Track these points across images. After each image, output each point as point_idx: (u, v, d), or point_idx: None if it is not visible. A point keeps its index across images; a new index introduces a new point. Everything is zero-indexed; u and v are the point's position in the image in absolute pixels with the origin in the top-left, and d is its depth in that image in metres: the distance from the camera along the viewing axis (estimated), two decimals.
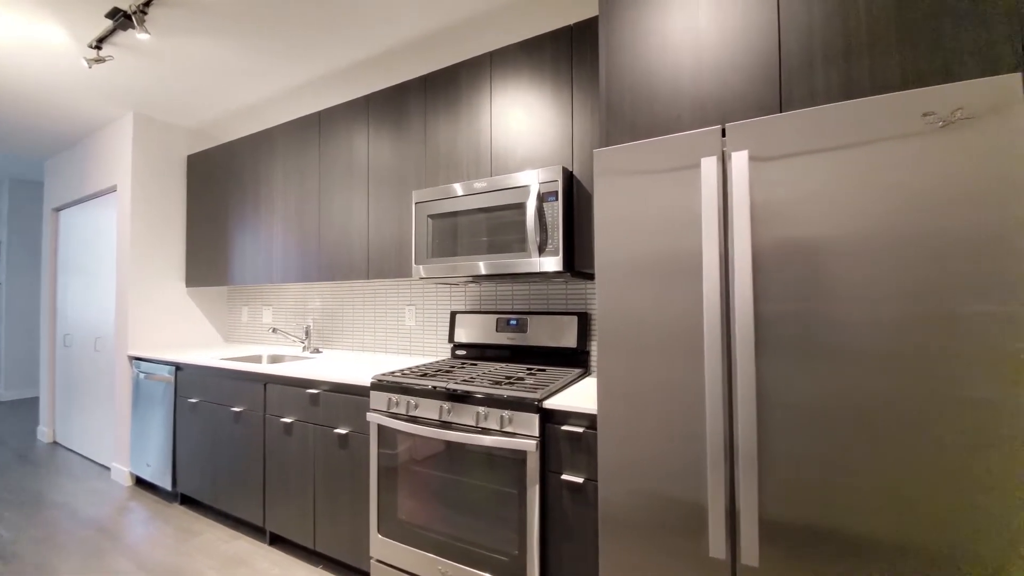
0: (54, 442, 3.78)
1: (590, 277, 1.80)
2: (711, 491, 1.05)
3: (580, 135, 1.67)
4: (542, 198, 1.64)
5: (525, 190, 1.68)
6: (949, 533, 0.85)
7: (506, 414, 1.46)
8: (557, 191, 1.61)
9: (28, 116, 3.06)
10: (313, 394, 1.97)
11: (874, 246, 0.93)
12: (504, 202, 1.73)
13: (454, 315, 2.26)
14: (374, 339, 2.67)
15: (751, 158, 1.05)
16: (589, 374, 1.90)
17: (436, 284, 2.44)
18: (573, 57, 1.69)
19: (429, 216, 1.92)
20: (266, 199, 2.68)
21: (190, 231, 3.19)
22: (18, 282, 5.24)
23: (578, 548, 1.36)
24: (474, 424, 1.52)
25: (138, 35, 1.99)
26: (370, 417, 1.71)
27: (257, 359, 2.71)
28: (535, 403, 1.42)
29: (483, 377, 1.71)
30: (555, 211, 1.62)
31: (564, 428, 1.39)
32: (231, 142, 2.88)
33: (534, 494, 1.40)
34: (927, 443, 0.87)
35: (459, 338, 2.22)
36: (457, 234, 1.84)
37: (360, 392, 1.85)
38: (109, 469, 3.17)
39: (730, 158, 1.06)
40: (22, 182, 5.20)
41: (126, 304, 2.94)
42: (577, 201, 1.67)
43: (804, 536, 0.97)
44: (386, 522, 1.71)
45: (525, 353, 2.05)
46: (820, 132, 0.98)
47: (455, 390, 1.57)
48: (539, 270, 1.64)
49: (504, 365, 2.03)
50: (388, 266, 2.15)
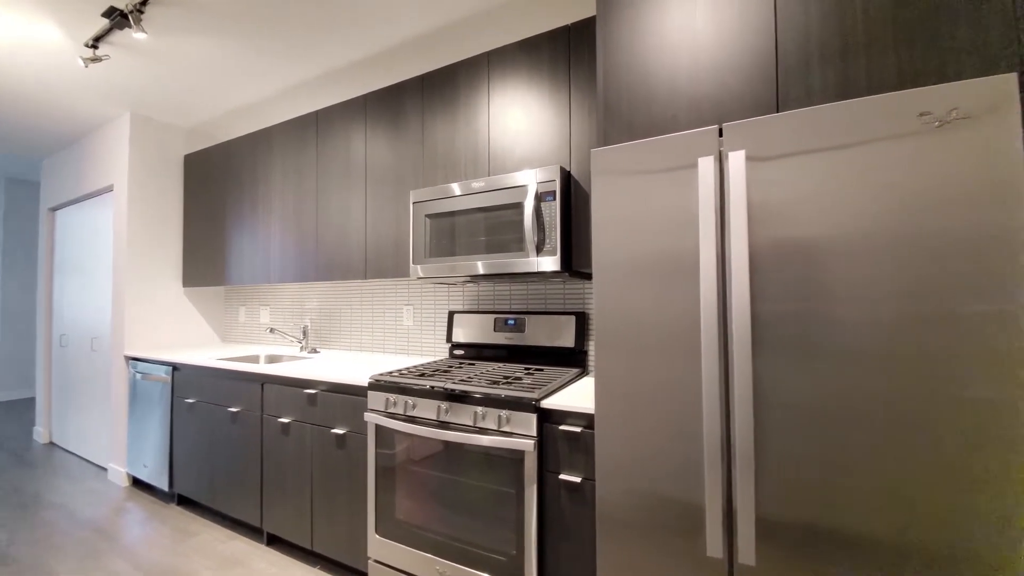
0: (50, 443, 3.76)
1: (588, 277, 1.80)
2: (708, 490, 1.06)
3: (578, 135, 1.67)
4: (540, 198, 1.64)
5: (523, 190, 1.68)
6: (948, 533, 0.86)
7: (504, 414, 1.46)
8: (555, 191, 1.61)
9: (24, 116, 3.05)
10: (311, 394, 1.97)
11: (871, 246, 0.93)
12: (502, 202, 1.73)
13: (452, 315, 2.26)
14: (372, 339, 2.67)
15: (748, 158, 1.05)
16: (587, 374, 1.90)
17: (434, 284, 2.43)
18: (571, 57, 1.69)
19: (427, 216, 1.92)
20: (263, 199, 2.68)
21: (187, 231, 3.18)
22: (14, 282, 5.22)
23: (575, 548, 1.36)
24: (472, 424, 1.51)
25: (135, 34, 1.98)
26: (368, 417, 1.71)
27: (254, 359, 2.70)
28: (533, 403, 1.42)
29: (481, 377, 1.71)
30: (553, 211, 1.61)
31: (562, 428, 1.39)
32: (228, 141, 2.87)
33: (532, 494, 1.40)
34: (925, 443, 0.88)
35: (457, 338, 2.22)
36: (455, 234, 1.84)
37: (358, 392, 1.84)
38: (106, 470, 3.16)
39: (727, 158, 1.06)
40: (18, 182, 5.18)
41: (123, 304, 2.93)
42: (575, 201, 1.67)
43: (802, 535, 0.98)
44: (384, 522, 1.71)
45: (523, 353, 2.05)
46: (817, 132, 0.99)
47: (453, 390, 1.57)
48: (537, 270, 1.64)
49: (502, 365, 2.03)
50: (386, 266, 2.15)
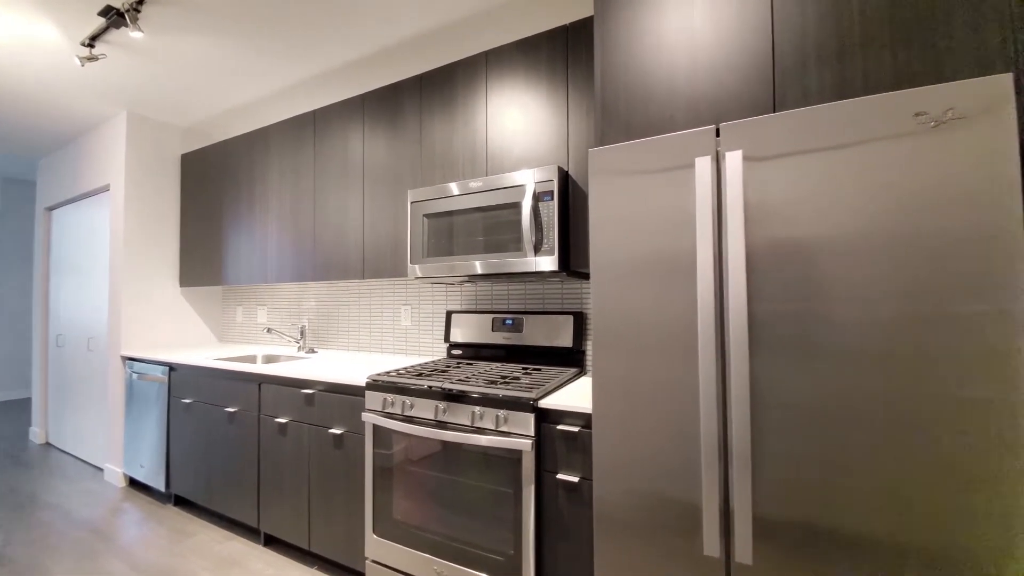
0: (47, 443, 3.74)
1: (586, 277, 1.80)
2: (705, 490, 1.06)
3: (575, 135, 1.67)
4: (538, 198, 1.64)
5: (521, 189, 1.68)
6: (946, 533, 0.86)
7: (502, 413, 1.46)
8: (553, 191, 1.61)
9: (21, 115, 3.03)
10: (308, 394, 1.97)
11: (868, 246, 0.93)
12: (500, 201, 1.73)
13: (450, 315, 2.25)
14: (369, 339, 2.66)
15: (745, 158, 1.05)
16: (585, 374, 1.90)
17: (432, 284, 2.43)
18: (569, 57, 1.69)
19: (425, 215, 1.91)
20: (261, 198, 2.67)
21: (184, 230, 3.17)
22: (10, 282, 5.19)
23: (573, 547, 1.36)
24: (470, 424, 1.51)
25: (131, 33, 1.98)
26: (365, 417, 1.71)
27: (252, 359, 2.70)
28: (531, 402, 1.42)
29: (479, 377, 1.71)
30: (551, 211, 1.61)
31: (560, 427, 1.39)
32: (225, 141, 2.86)
33: (529, 493, 1.40)
34: (923, 442, 0.88)
35: (455, 338, 2.22)
36: (453, 233, 1.84)
37: (355, 392, 1.84)
38: (102, 470, 3.15)
39: (724, 158, 1.06)
40: (14, 181, 5.16)
41: (119, 304, 2.92)
42: (573, 201, 1.67)
43: (800, 535, 0.98)
44: (381, 522, 1.70)
45: (521, 353, 2.05)
46: (813, 132, 0.99)
47: (451, 390, 1.56)
48: (535, 270, 1.64)
49: (500, 365, 2.03)
50: (383, 266, 2.14)
